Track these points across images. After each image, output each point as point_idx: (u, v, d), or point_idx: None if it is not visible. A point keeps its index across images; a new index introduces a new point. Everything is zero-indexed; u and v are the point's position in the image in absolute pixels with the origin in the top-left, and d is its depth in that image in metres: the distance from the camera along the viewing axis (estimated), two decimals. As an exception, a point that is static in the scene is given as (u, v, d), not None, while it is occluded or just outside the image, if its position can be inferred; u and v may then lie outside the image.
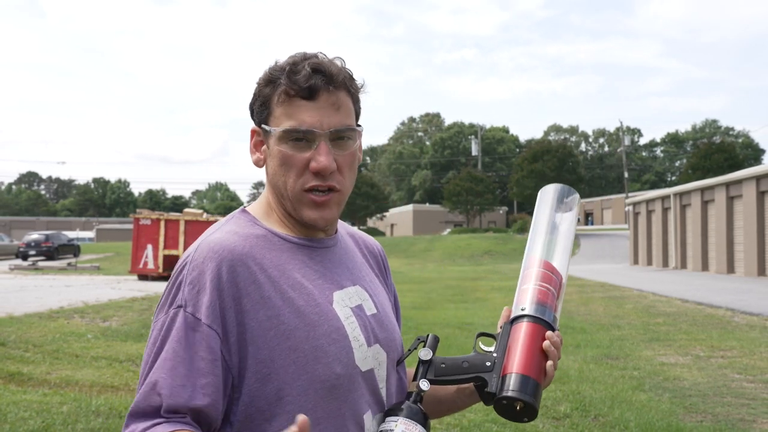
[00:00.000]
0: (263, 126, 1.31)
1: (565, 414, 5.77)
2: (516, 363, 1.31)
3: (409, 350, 1.40)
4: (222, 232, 1.30)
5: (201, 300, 1.19)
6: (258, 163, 1.34)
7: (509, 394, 1.28)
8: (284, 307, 1.23)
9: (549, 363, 1.32)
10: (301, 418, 1.05)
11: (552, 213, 1.49)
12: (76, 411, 5.48)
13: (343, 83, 1.30)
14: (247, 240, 1.28)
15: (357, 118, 1.35)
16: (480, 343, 1.39)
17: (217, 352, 1.18)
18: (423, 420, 1.28)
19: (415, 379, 1.32)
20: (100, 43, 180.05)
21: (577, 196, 1.55)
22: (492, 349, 1.36)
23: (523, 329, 1.35)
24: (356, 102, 1.35)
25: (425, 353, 1.34)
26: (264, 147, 1.33)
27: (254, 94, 1.33)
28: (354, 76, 1.34)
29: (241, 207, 1.40)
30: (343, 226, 1.51)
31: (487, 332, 1.41)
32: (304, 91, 1.26)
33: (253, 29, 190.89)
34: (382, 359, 1.34)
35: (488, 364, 1.33)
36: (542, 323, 1.36)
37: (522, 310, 1.37)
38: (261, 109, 1.31)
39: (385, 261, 1.56)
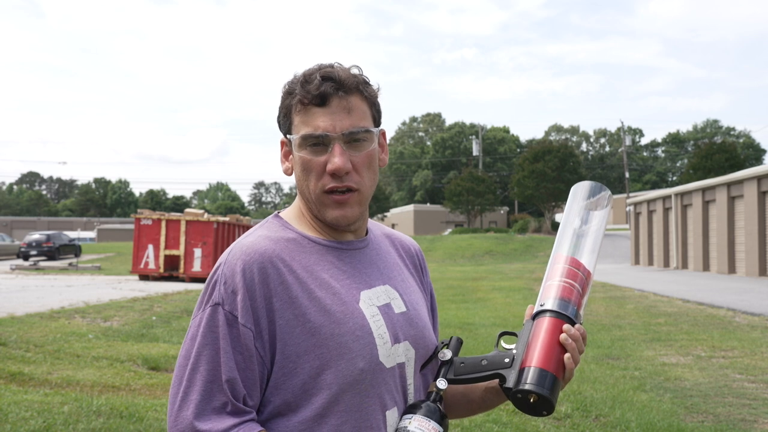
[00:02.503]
0: (287, 136, 1.39)
1: (566, 414, 5.77)
2: (533, 357, 1.33)
3: (432, 355, 1.43)
4: (254, 236, 1.37)
5: (236, 299, 1.28)
6: (287, 172, 1.42)
7: (523, 387, 1.30)
8: (311, 306, 1.30)
9: (566, 355, 1.34)
10: None
11: (582, 210, 1.52)
12: (77, 411, 5.48)
13: (356, 88, 1.36)
14: (278, 243, 1.35)
15: (376, 121, 1.41)
16: (502, 341, 1.42)
17: (252, 349, 1.27)
18: (440, 419, 1.31)
19: (435, 379, 1.37)
20: (99, 43, 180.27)
21: (609, 194, 1.56)
22: (513, 346, 1.38)
23: (543, 324, 1.37)
24: (372, 106, 1.40)
25: (444, 354, 1.38)
26: (291, 156, 1.40)
27: (279, 107, 1.41)
28: (369, 82, 1.41)
29: (275, 212, 1.47)
30: (380, 228, 1.57)
31: (509, 331, 1.44)
32: (316, 99, 1.34)
33: (252, 29, 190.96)
34: (410, 356, 1.40)
35: (507, 360, 1.36)
36: (563, 318, 1.37)
37: (542, 305, 1.40)
38: (284, 120, 1.39)
39: (422, 261, 1.61)
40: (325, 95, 1.33)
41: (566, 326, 1.35)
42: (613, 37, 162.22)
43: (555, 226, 54.90)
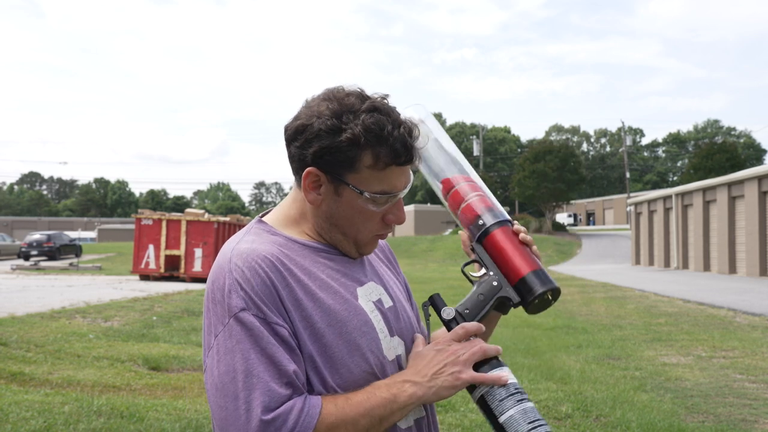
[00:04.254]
0: (351, 186, 1.32)
1: (566, 414, 5.76)
2: (519, 266, 1.40)
3: (427, 320, 1.44)
4: (247, 242, 1.33)
5: (258, 303, 1.24)
6: (314, 202, 1.36)
7: (538, 291, 1.38)
8: (315, 308, 1.29)
9: (534, 247, 1.44)
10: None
11: (439, 132, 1.55)
12: (77, 411, 5.48)
13: None
14: (273, 246, 1.33)
15: None
16: (470, 272, 1.47)
17: (293, 343, 1.25)
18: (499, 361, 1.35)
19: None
20: (99, 43, 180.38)
21: (421, 106, 1.57)
22: (483, 272, 1.44)
23: (498, 238, 1.43)
24: None
25: (448, 312, 1.39)
26: (323, 188, 1.35)
27: (324, 144, 1.30)
28: None
29: (257, 217, 1.44)
30: None
31: (466, 261, 1.48)
32: (403, 162, 1.33)
33: (252, 29, 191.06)
34: (402, 348, 1.41)
35: (495, 284, 1.41)
36: (504, 223, 1.44)
37: (482, 225, 1.45)
38: (340, 164, 1.31)
39: (391, 253, 1.62)
40: (410, 160, 1.33)
41: (517, 226, 1.44)
42: (613, 37, 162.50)
43: (556, 226, 54.88)
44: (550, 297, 1.40)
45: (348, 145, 1.29)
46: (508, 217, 1.45)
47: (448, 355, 1.30)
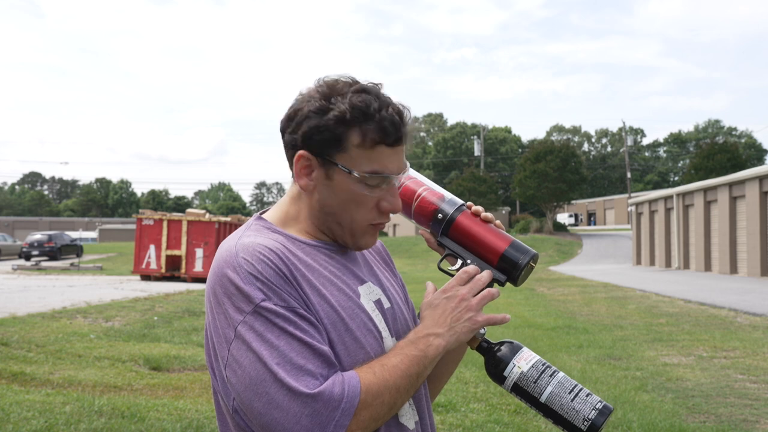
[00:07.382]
0: (340, 165, 1.31)
1: (567, 414, 5.76)
2: (495, 245, 1.42)
3: None
4: (250, 237, 1.32)
5: (277, 293, 1.23)
6: (307, 188, 1.35)
7: (523, 263, 1.41)
8: (319, 303, 1.28)
9: (497, 222, 1.47)
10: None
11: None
12: (78, 411, 5.49)
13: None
14: (276, 241, 1.32)
15: None
16: (449, 267, 1.48)
17: (320, 326, 1.25)
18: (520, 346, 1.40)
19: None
20: (99, 43, 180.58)
21: None
22: (459, 263, 1.45)
23: (461, 226, 1.45)
24: None
25: None
26: (315, 174, 1.34)
27: (312, 124, 1.31)
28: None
29: (257, 214, 1.43)
30: None
31: (443, 257, 1.49)
32: (392, 142, 1.32)
33: (252, 29, 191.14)
34: None
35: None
36: (461, 208, 1.46)
37: (441, 216, 1.46)
38: (328, 144, 1.31)
39: (388, 254, 1.62)
40: (401, 139, 1.33)
41: (475, 207, 1.46)
42: (613, 37, 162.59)
43: (557, 226, 54.85)
44: (533, 264, 1.43)
45: (335, 123, 1.30)
46: (462, 202, 1.47)
47: (459, 300, 1.34)
